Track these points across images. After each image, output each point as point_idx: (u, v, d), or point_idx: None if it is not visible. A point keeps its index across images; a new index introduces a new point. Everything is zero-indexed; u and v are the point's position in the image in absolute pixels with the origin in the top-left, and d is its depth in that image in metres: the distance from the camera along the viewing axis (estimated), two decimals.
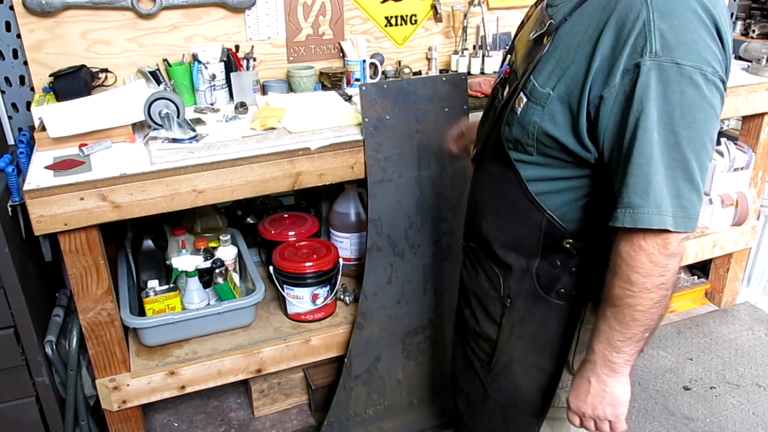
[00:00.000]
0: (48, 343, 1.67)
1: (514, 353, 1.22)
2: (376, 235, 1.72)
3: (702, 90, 0.89)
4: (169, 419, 2.12)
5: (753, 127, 2.39)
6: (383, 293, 1.77)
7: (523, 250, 1.14)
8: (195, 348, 1.83)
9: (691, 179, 0.90)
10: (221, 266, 1.88)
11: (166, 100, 1.62)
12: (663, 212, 0.90)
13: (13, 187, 1.62)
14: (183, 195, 1.53)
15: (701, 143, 0.90)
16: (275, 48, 2.14)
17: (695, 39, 0.89)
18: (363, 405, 1.82)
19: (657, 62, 0.88)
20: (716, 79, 0.90)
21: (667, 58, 0.88)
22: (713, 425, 2.06)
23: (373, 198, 1.69)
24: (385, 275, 1.76)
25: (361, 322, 1.77)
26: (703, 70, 0.88)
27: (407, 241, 1.76)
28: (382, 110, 1.64)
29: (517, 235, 1.14)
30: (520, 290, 1.17)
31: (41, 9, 1.79)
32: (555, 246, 1.10)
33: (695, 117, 0.89)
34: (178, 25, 1.98)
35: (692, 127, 0.89)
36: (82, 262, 1.53)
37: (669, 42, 0.88)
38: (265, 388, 2.08)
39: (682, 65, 0.88)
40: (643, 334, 0.99)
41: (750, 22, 3.02)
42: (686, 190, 0.90)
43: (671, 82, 0.88)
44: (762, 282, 2.78)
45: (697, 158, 0.90)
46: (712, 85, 0.90)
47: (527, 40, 1.11)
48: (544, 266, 1.12)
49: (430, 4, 2.30)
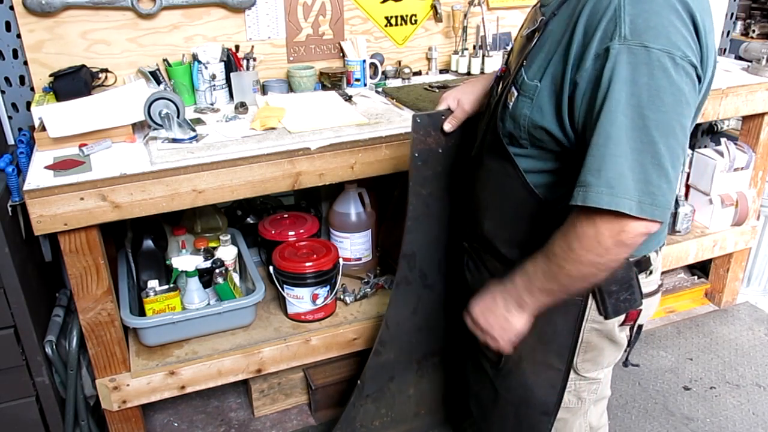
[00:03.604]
0: (48, 343, 1.67)
1: (522, 351, 1.22)
2: (407, 269, 1.61)
3: (670, 73, 0.88)
4: (169, 419, 2.12)
5: (753, 127, 2.39)
6: (406, 323, 1.70)
7: (527, 245, 1.13)
8: (195, 348, 1.83)
9: (659, 164, 0.89)
10: (221, 266, 1.88)
11: (166, 100, 1.62)
12: (617, 194, 0.88)
13: (13, 187, 1.62)
14: (183, 195, 1.53)
15: (670, 127, 0.89)
16: (275, 48, 2.14)
17: (665, 24, 0.89)
18: (371, 418, 1.80)
19: (626, 46, 0.89)
20: (686, 63, 0.90)
21: (635, 41, 0.88)
22: (713, 425, 2.06)
23: (410, 233, 1.56)
24: (411, 306, 1.68)
25: (380, 350, 1.70)
26: (672, 53, 0.88)
27: (439, 274, 1.65)
28: (434, 143, 1.47)
29: (520, 230, 1.15)
30: None
31: (41, 9, 1.79)
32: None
33: (663, 100, 0.88)
34: (178, 25, 1.98)
35: (660, 110, 0.88)
36: (82, 262, 1.53)
37: (638, 26, 0.89)
38: (265, 388, 2.08)
39: (650, 48, 0.88)
40: (560, 293, 1.03)
41: (750, 22, 3.02)
42: (654, 176, 0.89)
43: (639, 65, 0.88)
44: (762, 282, 2.78)
45: (666, 143, 0.89)
46: (682, 70, 0.89)
47: (521, 37, 1.14)
48: None
49: (430, 4, 2.30)
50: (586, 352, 1.19)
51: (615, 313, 1.13)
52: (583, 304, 1.13)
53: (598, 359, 1.21)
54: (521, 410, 1.29)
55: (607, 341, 1.18)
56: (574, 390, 1.24)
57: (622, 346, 1.22)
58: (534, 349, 1.21)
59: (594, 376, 1.24)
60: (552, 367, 1.21)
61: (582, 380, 1.23)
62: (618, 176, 0.88)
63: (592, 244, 0.93)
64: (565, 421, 1.28)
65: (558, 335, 1.17)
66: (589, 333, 1.16)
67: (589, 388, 1.25)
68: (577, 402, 1.26)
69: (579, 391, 1.24)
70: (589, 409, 1.30)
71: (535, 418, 1.28)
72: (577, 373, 1.21)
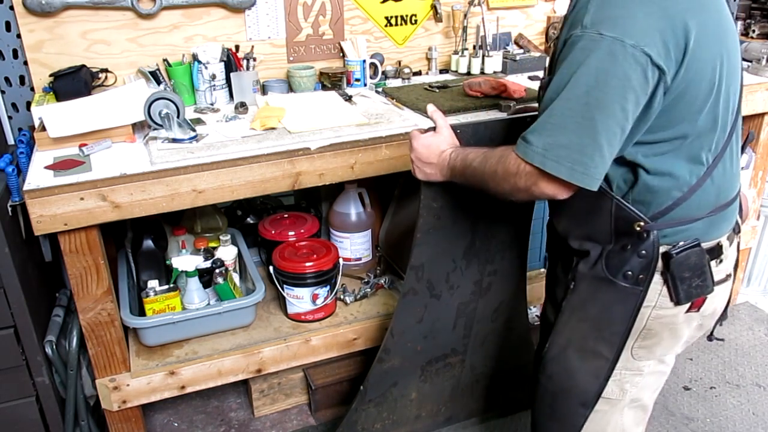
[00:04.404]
0: (48, 343, 1.67)
1: (573, 337, 1.24)
2: (415, 280, 1.61)
3: (618, 59, 0.96)
4: (169, 419, 2.12)
5: (753, 127, 2.39)
6: (411, 331, 1.70)
7: (597, 238, 1.18)
8: (195, 348, 1.83)
9: (595, 140, 0.99)
10: (221, 266, 1.88)
11: (166, 100, 1.62)
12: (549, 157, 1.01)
13: (13, 187, 1.62)
14: (183, 195, 1.53)
15: (610, 109, 0.98)
16: (275, 48, 2.15)
17: (624, 15, 0.97)
18: (372, 421, 1.79)
19: (584, 33, 0.99)
20: (637, 52, 0.96)
21: (593, 29, 0.98)
22: (713, 425, 2.06)
23: (419, 246, 1.55)
24: (417, 315, 1.68)
25: (383, 357, 1.70)
26: (623, 41, 0.96)
27: (447, 284, 1.66)
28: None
29: (590, 225, 1.18)
30: (587, 273, 1.20)
31: (41, 9, 1.79)
32: (626, 230, 1.13)
33: (608, 83, 0.97)
34: (178, 25, 1.98)
35: (604, 91, 0.97)
36: (82, 262, 1.53)
37: (598, 16, 0.99)
38: (265, 388, 2.08)
39: (604, 36, 0.97)
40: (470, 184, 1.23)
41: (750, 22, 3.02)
42: (589, 149, 0.99)
43: (592, 50, 0.98)
44: (762, 282, 2.78)
45: (605, 122, 0.98)
46: (631, 57, 0.96)
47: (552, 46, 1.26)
48: (616, 249, 1.15)
49: (430, 4, 2.30)
50: (645, 338, 1.20)
51: (687, 298, 1.14)
52: (642, 294, 1.14)
53: (654, 348, 1.21)
54: (558, 400, 1.30)
55: (667, 330, 1.19)
56: (618, 379, 1.24)
57: (680, 338, 1.23)
58: (585, 336, 1.23)
59: (642, 366, 1.24)
60: (600, 356, 1.22)
61: (628, 370, 1.23)
62: (554, 144, 1.01)
63: (511, 180, 1.09)
64: (602, 414, 1.27)
65: (613, 323, 1.19)
66: (653, 320, 1.17)
67: (632, 379, 1.25)
68: (619, 393, 1.25)
69: (622, 382, 1.24)
70: (625, 408, 1.29)
71: (572, 409, 1.28)
72: (631, 356, 1.21)
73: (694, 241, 1.12)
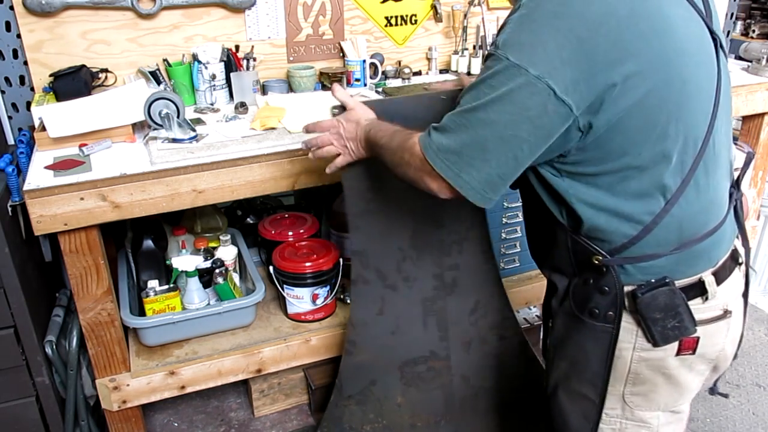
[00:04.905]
0: (48, 343, 1.67)
1: (559, 377, 1.20)
2: (361, 267, 1.57)
3: (518, 87, 0.92)
4: (169, 419, 2.12)
5: (753, 127, 2.39)
6: (374, 323, 1.65)
7: (562, 270, 1.14)
8: (195, 348, 1.83)
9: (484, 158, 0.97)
10: (221, 266, 1.88)
11: (166, 100, 1.62)
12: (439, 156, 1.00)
13: (13, 187, 1.62)
14: (183, 195, 1.53)
15: (503, 134, 0.95)
16: (275, 48, 2.14)
17: (535, 42, 0.92)
18: (359, 421, 1.76)
19: (495, 52, 0.96)
20: (540, 83, 0.91)
21: (502, 51, 0.94)
22: (713, 425, 2.06)
23: (356, 231, 1.53)
24: (375, 307, 1.62)
25: (351, 350, 1.66)
26: (527, 71, 0.91)
27: (400, 275, 1.60)
28: None
29: (555, 256, 1.14)
30: (558, 309, 1.16)
31: (41, 9, 1.79)
32: (587, 263, 1.08)
33: (504, 109, 0.94)
34: (178, 25, 1.98)
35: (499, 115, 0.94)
36: (82, 262, 1.53)
37: (511, 38, 0.95)
38: (265, 388, 2.08)
39: (510, 60, 0.93)
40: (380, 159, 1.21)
41: (750, 22, 3.02)
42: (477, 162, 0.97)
43: (497, 72, 0.94)
44: (762, 282, 2.78)
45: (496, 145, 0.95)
46: (533, 87, 0.91)
47: None
48: (579, 284, 1.11)
49: (430, 4, 2.30)
50: (634, 384, 1.12)
51: (664, 340, 1.06)
52: (614, 331, 1.08)
53: (651, 396, 1.13)
54: None
55: (660, 375, 1.11)
56: (619, 429, 1.16)
57: (683, 386, 1.13)
58: (568, 377, 1.18)
59: (646, 417, 1.15)
60: (586, 398, 1.16)
61: (629, 420, 1.15)
62: (447, 148, 0.99)
63: (409, 166, 1.08)
64: None
65: (590, 363, 1.13)
66: (638, 363, 1.10)
67: (637, 431, 1.16)
68: None
69: (623, 431, 1.16)
70: None
71: None
72: (626, 405, 1.14)
73: (662, 279, 1.04)
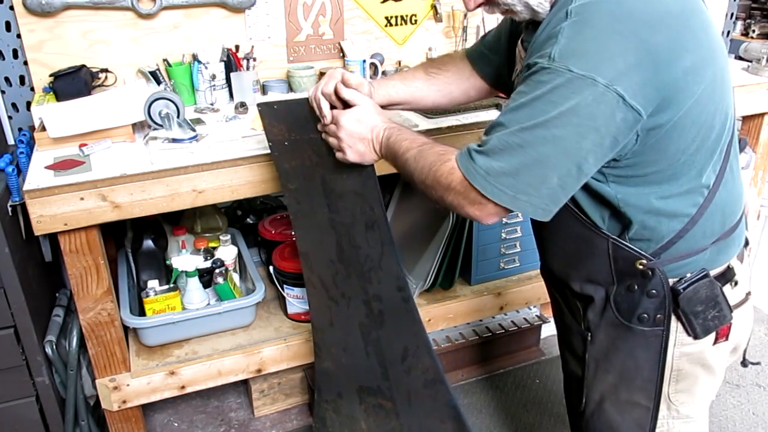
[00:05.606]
0: (48, 343, 1.67)
1: (605, 390, 1.17)
2: (308, 270, 1.49)
3: (586, 99, 0.87)
4: (169, 419, 2.12)
5: (753, 127, 2.39)
6: (329, 333, 1.54)
7: (598, 280, 1.10)
8: (195, 348, 1.83)
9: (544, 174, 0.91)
10: (221, 266, 1.88)
11: (166, 100, 1.62)
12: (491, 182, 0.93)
13: (13, 187, 1.62)
14: (183, 195, 1.53)
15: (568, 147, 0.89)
16: (275, 48, 2.14)
17: (597, 50, 0.87)
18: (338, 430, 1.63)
19: (551, 65, 0.88)
20: (609, 91, 0.86)
21: (561, 63, 0.88)
22: (713, 425, 2.06)
23: (298, 230, 1.47)
24: (327, 316, 1.52)
25: (318, 352, 1.58)
26: (595, 80, 0.86)
27: (337, 289, 1.48)
28: (279, 134, 1.38)
29: (589, 266, 1.11)
30: (601, 321, 1.13)
31: (41, 9, 1.79)
32: (628, 269, 1.06)
33: (570, 121, 0.88)
34: (178, 25, 1.98)
35: (565, 129, 0.88)
36: (82, 262, 1.53)
37: (569, 49, 0.88)
38: (265, 388, 2.08)
39: (573, 72, 0.87)
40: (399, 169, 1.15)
41: (750, 22, 3.02)
42: (537, 181, 0.91)
43: (558, 86, 0.88)
44: (762, 282, 2.77)
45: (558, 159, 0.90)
46: (601, 97, 0.86)
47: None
48: (621, 292, 1.08)
49: (430, 4, 2.30)
50: (678, 381, 1.12)
51: (705, 332, 1.07)
52: (665, 334, 1.07)
53: (693, 389, 1.13)
54: None
55: (700, 367, 1.11)
56: (667, 429, 1.15)
57: (718, 374, 1.15)
58: (616, 388, 1.15)
59: (689, 412, 1.15)
60: (638, 405, 1.13)
61: (676, 418, 1.15)
62: (499, 171, 0.92)
63: (448, 192, 1.00)
64: None
65: (641, 369, 1.11)
66: (679, 359, 1.10)
67: (684, 428, 1.16)
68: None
69: (671, 430, 1.16)
70: None
71: None
72: (672, 404, 1.13)
73: (701, 272, 1.05)
